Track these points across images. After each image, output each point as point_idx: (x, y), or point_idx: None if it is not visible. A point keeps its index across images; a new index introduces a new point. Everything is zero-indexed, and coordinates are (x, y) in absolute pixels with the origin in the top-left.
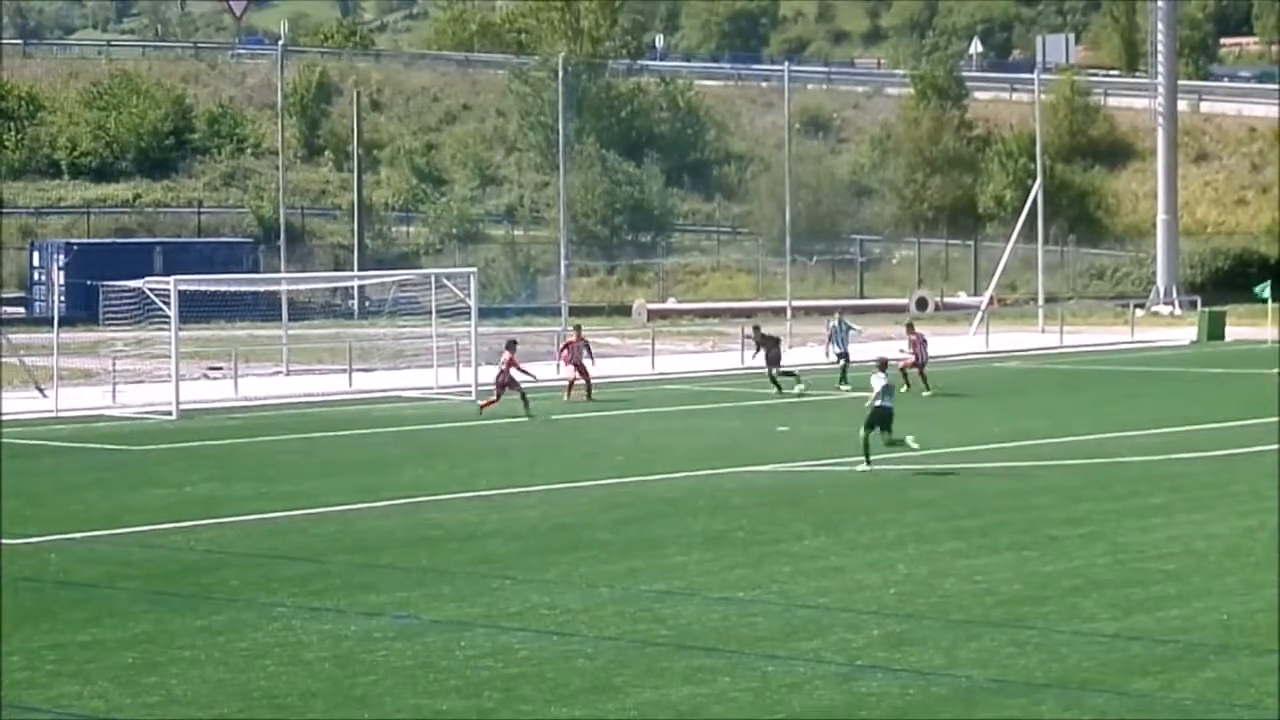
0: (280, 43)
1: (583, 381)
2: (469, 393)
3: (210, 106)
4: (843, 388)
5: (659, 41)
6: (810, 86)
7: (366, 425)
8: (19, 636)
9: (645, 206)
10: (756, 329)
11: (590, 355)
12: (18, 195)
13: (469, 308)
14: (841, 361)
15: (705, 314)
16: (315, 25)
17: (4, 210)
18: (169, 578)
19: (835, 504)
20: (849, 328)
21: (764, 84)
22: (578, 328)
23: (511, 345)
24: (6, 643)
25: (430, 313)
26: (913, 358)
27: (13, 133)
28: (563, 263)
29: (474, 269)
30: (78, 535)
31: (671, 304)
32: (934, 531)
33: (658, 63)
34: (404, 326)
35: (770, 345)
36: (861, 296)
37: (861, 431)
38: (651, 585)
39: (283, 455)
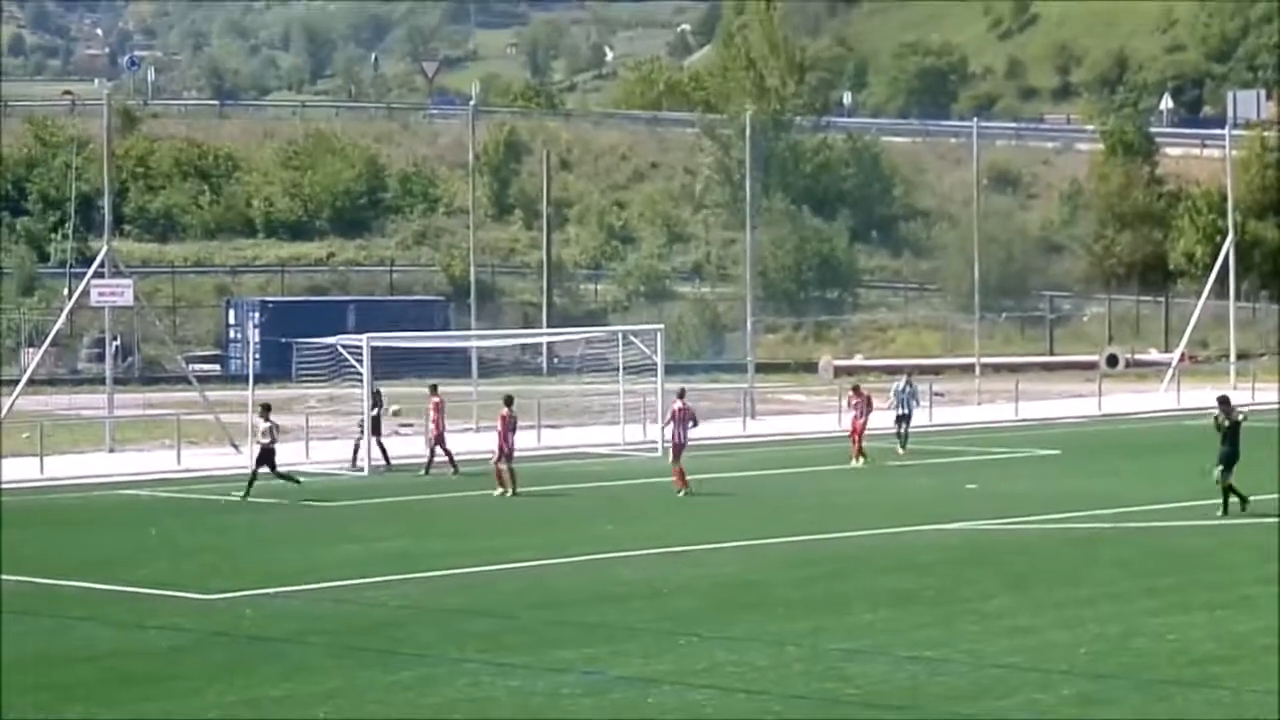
0: (471, 103)
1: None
2: (655, 448)
3: (403, 166)
4: (900, 452)
5: (846, 98)
6: (999, 142)
7: (555, 481)
8: (213, 691)
9: (832, 263)
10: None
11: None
12: (214, 253)
13: (656, 364)
14: (902, 425)
15: (892, 371)
16: (505, 86)
17: (200, 269)
18: (360, 633)
19: (1024, 562)
20: (914, 390)
21: (952, 140)
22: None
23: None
24: (201, 697)
25: (618, 369)
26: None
27: (210, 192)
28: (749, 319)
29: (661, 326)
30: (271, 590)
31: (858, 360)
32: (1126, 590)
33: (845, 119)
34: (592, 383)
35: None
36: (1051, 353)
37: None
38: (838, 644)
39: (472, 511)
